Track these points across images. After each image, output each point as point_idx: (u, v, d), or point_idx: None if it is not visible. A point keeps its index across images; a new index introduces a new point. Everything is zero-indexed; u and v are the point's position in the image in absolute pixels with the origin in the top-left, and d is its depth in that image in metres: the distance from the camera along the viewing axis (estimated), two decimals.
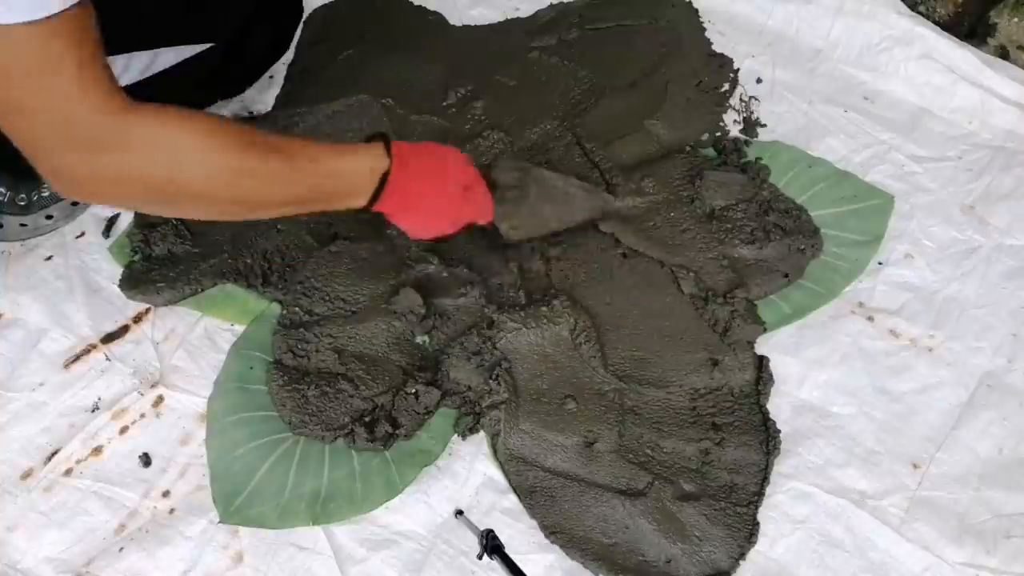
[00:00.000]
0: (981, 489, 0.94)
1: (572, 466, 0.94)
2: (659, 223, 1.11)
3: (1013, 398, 1.00)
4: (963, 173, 1.20)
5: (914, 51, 1.30)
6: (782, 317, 1.05)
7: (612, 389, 0.98)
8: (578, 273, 1.07)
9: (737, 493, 0.92)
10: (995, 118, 1.25)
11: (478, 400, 0.97)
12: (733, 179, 1.14)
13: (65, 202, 1.10)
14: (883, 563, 0.89)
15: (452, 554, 0.89)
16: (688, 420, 0.97)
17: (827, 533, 0.91)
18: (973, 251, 1.12)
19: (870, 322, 1.06)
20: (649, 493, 0.91)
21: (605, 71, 1.29)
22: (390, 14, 1.39)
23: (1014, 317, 1.07)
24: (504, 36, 1.35)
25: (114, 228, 1.11)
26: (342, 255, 1.06)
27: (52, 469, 0.93)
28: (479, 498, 0.93)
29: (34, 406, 0.97)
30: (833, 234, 1.11)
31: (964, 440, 0.97)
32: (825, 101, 1.28)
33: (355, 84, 1.25)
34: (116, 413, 0.96)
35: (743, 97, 1.28)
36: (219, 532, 0.89)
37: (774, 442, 0.94)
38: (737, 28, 1.36)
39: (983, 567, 0.89)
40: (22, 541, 0.88)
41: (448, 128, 1.21)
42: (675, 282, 1.06)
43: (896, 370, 1.02)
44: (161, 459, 0.94)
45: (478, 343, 0.99)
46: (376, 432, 0.93)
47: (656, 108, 1.24)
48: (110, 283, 1.06)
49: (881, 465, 0.95)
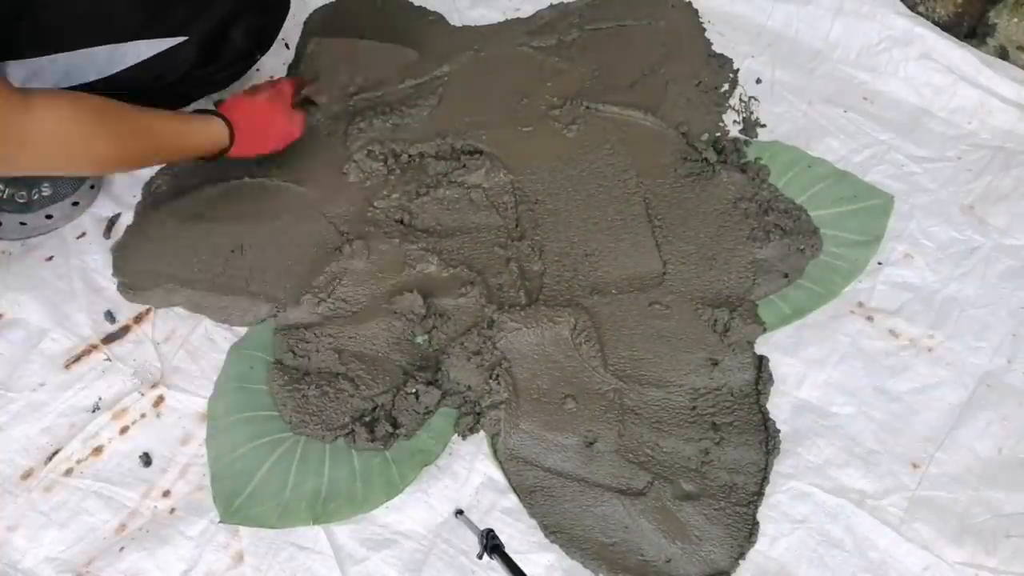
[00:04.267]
0: (980, 489, 0.94)
1: (572, 466, 0.94)
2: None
3: (1013, 398, 1.00)
4: (963, 173, 1.20)
5: (914, 51, 1.30)
6: (782, 317, 1.05)
7: (612, 389, 0.98)
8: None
9: (737, 493, 0.92)
10: (995, 118, 1.25)
11: (478, 400, 0.97)
12: (733, 179, 1.14)
13: (65, 202, 1.10)
14: (883, 563, 0.89)
15: (452, 554, 0.89)
16: (688, 420, 0.97)
17: (827, 533, 0.91)
18: (973, 251, 1.12)
19: (869, 322, 1.06)
20: (649, 493, 0.91)
21: (605, 71, 1.29)
22: (390, 14, 1.39)
23: (1014, 317, 1.07)
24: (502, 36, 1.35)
25: (114, 228, 1.11)
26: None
27: (53, 469, 0.93)
28: (479, 498, 0.93)
29: (35, 406, 0.97)
30: (833, 234, 1.11)
31: (963, 440, 0.97)
32: (825, 101, 1.28)
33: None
34: (117, 413, 0.96)
35: (743, 97, 1.28)
36: (219, 532, 0.89)
37: (774, 442, 0.94)
38: (737, 28, 1.36)
39: (983, 567, 0.89)
40: (22, 541, 0.89)
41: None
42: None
43: (896, 370, 1.02)
44: (161, 459, 0.94)
45: (478, 343, 0.99)
46: (376, 432, 0.93)
47: (656, 108, 1.24)
48: (111, 283, 1.06)
49: (881, 465, 0.95)
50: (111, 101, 0.86)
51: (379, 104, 1.23)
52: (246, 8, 1.04)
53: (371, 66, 1.27)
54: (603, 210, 1.13)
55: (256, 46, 1.13)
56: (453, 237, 1.10)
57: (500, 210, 1.13)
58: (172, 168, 1.17)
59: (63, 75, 0.92)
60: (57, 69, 0.91)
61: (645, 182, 1.16)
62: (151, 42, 0.96)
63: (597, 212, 1.13)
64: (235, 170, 1.15)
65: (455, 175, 1.15)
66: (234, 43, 1.05)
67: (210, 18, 0.99)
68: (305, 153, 1.17)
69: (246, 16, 1.04)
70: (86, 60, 0.92)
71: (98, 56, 0.93)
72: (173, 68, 0.99)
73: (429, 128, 1.21)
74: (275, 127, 1.08)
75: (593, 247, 1.10)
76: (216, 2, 0.99)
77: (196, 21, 0.98)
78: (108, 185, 1.15)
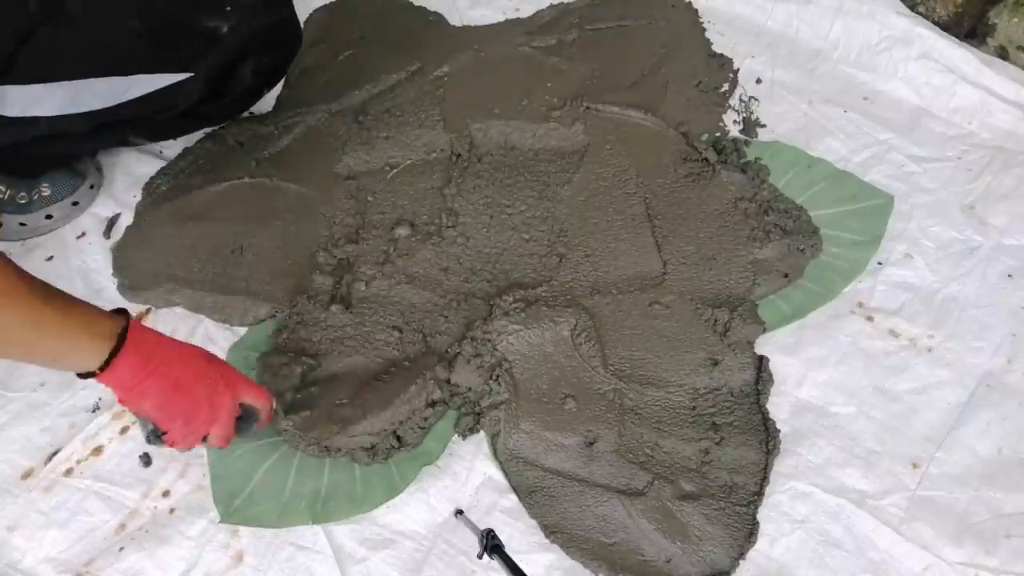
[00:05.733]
0: (980, 489, 0.94)
1: (572, 466, 0.94)
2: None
3: (1012, 398, 1.00)
4: (963, 173, 1.20)
5: (914, 51, 1.30)
6: (782, 317, 1.05)
7: (612, 389, 0.98)
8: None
9: (737, 493, 0.92)
10: (995, 118, 1.26)
11: (478, 400, 0.97)
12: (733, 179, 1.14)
13: (65, 202, 1.10)
14: (883, 563, 0.89)
15: (452, 554, 0.89)
16: (688, 420, 0.97)
17: (827, 533, 0.91)
18: (972, 251, 1.12)
19: (869, 322, 1.06)
20: (649, 493, 0.91)
21: (605, 71, 1.29)
22: (390, 14, 1.39)
23: (1014, 317, 1.07)
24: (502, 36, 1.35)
25: (114, 228, 1.11)
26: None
27: (53, 469, 0.93)
28: (479, 498, 0.93)
29: (35, 406, 0.97)
30: (833, 234, 1.11)
31: (963, 440, 0.97)
32: (825, 101, 1.28)
33: (355, 84, 1.26)
34: (117, 413, 0.96)
35: (743, 97, 1.28)
36: (219, 532, 0.89)
37: (774, 442, 0.94)
38: (737, 28, 1.36)
39: (983, 567, 0.89)
40: (22, 541, 0.89)
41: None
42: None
43: (896, 370, 1.02)
44: (161, 459, 0.94)
45: (478, 344, 0.99)
46: (378, 450, 0.92)
47: (656, 108, 1.24)
48: (111, 283, 1.06)
49: (881, 465, 0.95)
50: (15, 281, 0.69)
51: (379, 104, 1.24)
52: (257, 46, 1.01)
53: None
54: (603, 210, 1.13)
55: (264, 82, 1.11)
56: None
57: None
58: (172, 168, 1.17)
59: (65, 102, 0.91)
60: (58, 97, 0.90)
61: (645, 182, 1.16)
62: (156, 76, 0.94)
63: (597, 212, 1.13)
64: (235, 170, 1.15)
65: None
66: (242, 80, 1.04)
67: (218, 56, 0.97)
68: (305, 153, 1.17)
69: (256, 54, 1.02)
70: (88, 90, 0.91)
71: (100, 87, 0.92)
72: (177, 103, 0.98)
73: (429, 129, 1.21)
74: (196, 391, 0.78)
75: (593, 247, 1.10)
76: (225, 40, 0.97)
77: (203, 58, 0.96)
78: (108, 185, 1.16)
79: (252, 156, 1.17)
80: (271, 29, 1.02)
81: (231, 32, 0.96)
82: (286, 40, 1.08)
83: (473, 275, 1.07)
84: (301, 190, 1.15)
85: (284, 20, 1.04)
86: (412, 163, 1.18)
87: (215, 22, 0.96)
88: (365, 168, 1.18)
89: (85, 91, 0.90)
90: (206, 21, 0.96)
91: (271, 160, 1.18)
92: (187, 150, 1.19)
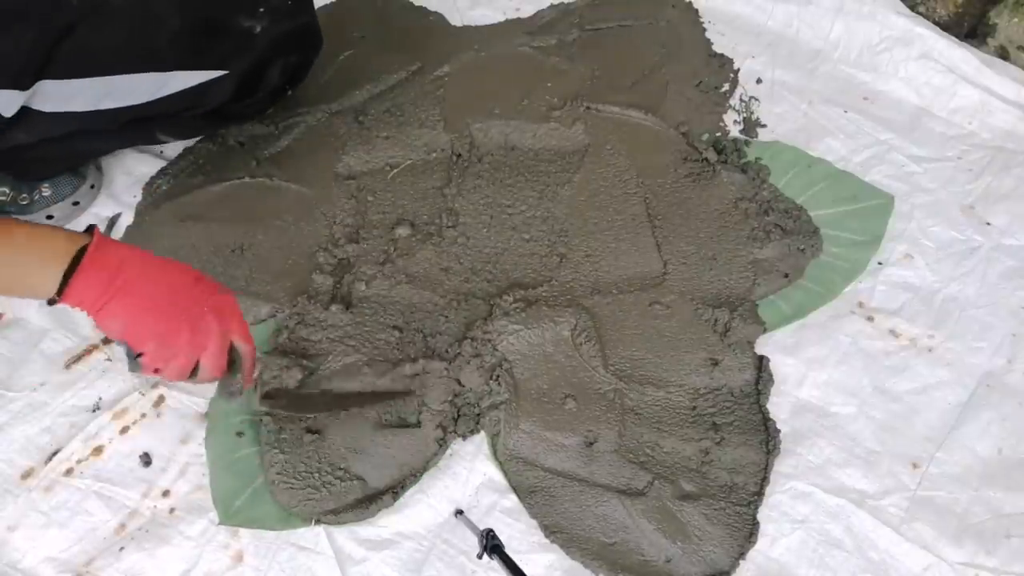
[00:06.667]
0: (981, 489, 0.94)
1: (572, 466, 0.94)
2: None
3: (1013, 398, 1.00)
4: (963, 173, 1.20)
5: (914, 51, 1.30)
6: (782, 317, 1.05)
7: (612, 389, 0.98)
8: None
9: (737, 493, 0.92)
10: (995, 118, 1.25)
11: (478, 400, 0.97)
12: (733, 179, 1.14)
13: (66, 203, 1.10)
14: (883, 563, 0.89)
15: (452, 554, 0.89)
16: (688, 420, 0.97)
17: (827, 533, 0.91)
18: (973, 251, 1.12)
19: (870, 322, 1.06)
20: (649, 493, 0.91)
21: (605, 71, 1.29)
22: (390, 14, 1.39)
23: (1014, 317, 1.07)
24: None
25: (114, 228, 1.11)
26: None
27: (53, 469, 0.93)
28: (479, 498, 0.93)
29: (35, 406, 0.97)
30: (833, 234, 1.11)
31: (964, 440, 0.97)
32: (825, 101, 1.28)
33: (355, 84, 1.26)
34: (117, 413, 0.96)
35: (743, 97, 1.28)
36: (219, 532, 0.89)
37: (774, 442, 0.94)
38: (737, 28, 1.36)
39: (983, 567, 0.89)
40: (22, 541, 0.88)
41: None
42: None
43: (896, 370, 1.02)
44: (161, 459, 0.94)
45: (478, 344, 0.99)
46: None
47: (656, 108, 1.24)
48: None
49: (881, 465, 0.95)
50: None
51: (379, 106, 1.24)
52: (285, 47, 1.04)
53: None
54: (603, 210, 1.13)
55: (288, 82, 1.14)
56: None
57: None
58: (172, 168, 1.17)
59: (101, 97, 0.91)
60: (94, 92, 0.90)
61: (645, 182, 1.16)
62: (192, 73, 0.95)
63: (597, 212, 1.13)
64: (235, 170, 1.15)
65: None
66: (270, 79, 1.07)
67: (252, 55, 0.99)
68: (305, 153, 1.17)
69: (284, 54, 1.05)
70: (125, 85, 0.91)
71: (138, 83, 0.92)
72: (209, 100, 0.99)
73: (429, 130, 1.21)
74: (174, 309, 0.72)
75: (593, 247, 1.10)
76: (257, 39, 0.99)
77: (238, 57, 0.98)
78: (108, 185, 1.16)
79: (252, 156, 1.18)
80: (299, 31, 1.05)
81: (263, 33, 0.99)
82: (311, 42, 1.11)
83: (473, 275, 1.07)
84: (301, 190, 1.15)
85: (310, 22, 1.08)
86: (412, 163, 1.18)
87: (249, 22, 0.98)
88: (365, 168, 1.18)
89: (122, 86, 0.91)
90: (242, 21, 0.97)
91: (271, 160, 1.18)
92: (187, 150, 1.19)
